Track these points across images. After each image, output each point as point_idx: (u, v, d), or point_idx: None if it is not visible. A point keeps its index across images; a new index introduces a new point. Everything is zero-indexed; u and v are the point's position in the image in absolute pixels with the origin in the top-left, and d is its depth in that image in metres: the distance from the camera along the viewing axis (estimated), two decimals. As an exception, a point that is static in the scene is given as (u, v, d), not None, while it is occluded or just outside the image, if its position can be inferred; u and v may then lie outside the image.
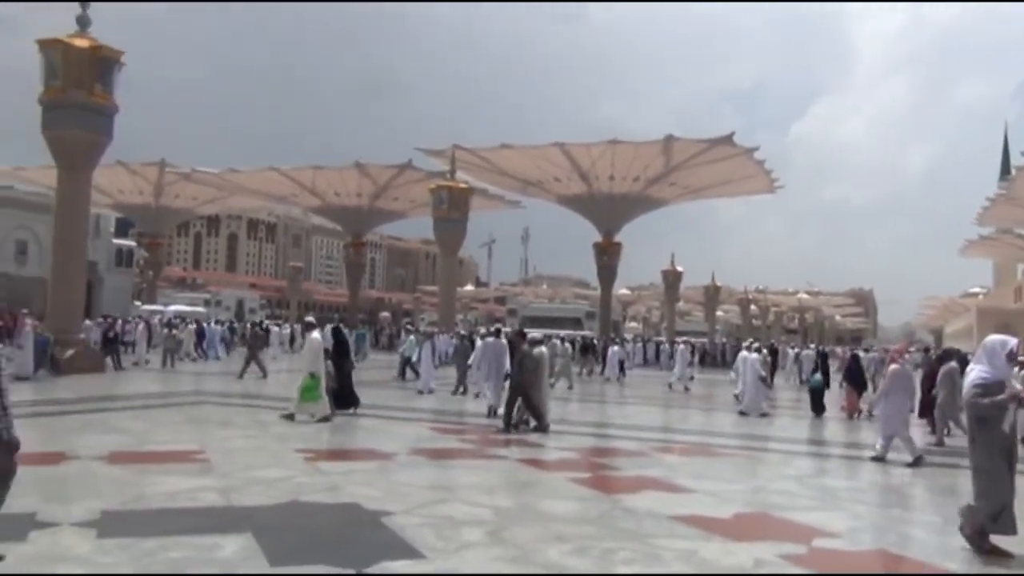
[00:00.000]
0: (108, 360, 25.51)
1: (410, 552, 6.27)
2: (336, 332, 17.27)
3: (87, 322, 29.28)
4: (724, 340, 72.60)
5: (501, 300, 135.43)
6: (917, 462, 11.99)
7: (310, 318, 17.57)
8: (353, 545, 6.64)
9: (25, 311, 24.88)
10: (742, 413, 19.63)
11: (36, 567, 5.61)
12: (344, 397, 15.91)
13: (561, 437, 14.02)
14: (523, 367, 14.60)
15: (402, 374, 26.35)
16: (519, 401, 14.51)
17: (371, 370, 30.16)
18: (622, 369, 33.30)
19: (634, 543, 6.85)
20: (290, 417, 14.32)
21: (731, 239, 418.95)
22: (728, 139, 51.04)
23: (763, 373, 20.89)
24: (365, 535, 6.92)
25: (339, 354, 16.20)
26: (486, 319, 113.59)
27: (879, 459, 12.28)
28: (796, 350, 39.90)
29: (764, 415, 19.55)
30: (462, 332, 27.48)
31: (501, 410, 15.24)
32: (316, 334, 15.23)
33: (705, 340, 66.57)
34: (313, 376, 14.47)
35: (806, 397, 21.24)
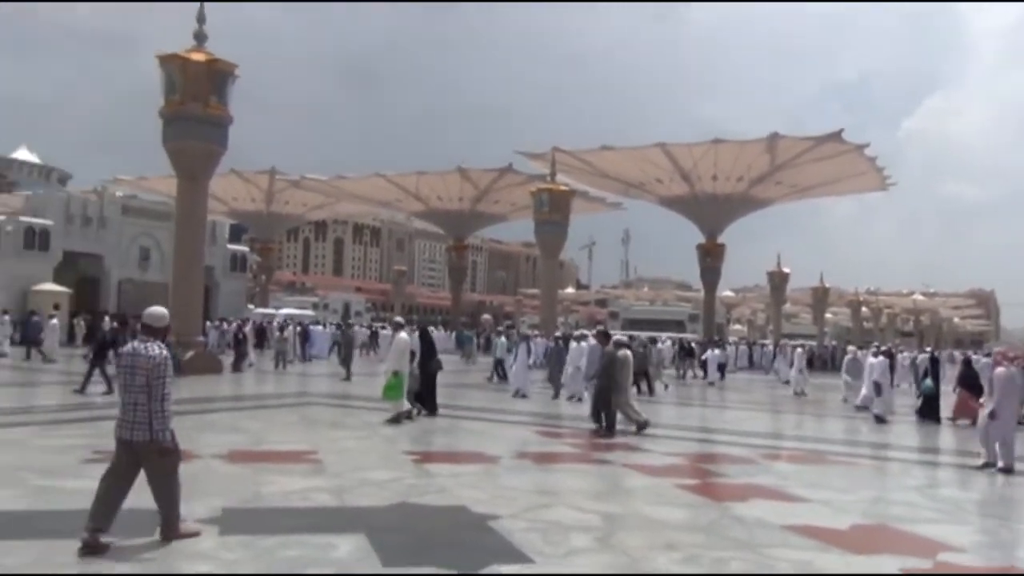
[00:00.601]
0: (251, 361, 26.60)
1: (518, 557, 6.29)
2: (423, 334, 17.46)
3: (208, 324, 30.50)
4: (834, 343, 70.15)
5: (602, 303, 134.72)
6: (1007, 470, 11.58)
7: (399, 318, 17.85)
8: (462, 548, 6.70)
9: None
10: (879, 419, 18.81)
11: (163, 562, 5.87)
12: (425, 400, 16.03)
13: (666, 442, 13.83)
14: (607, 369, 14.52)
15: (494, 376, 26.69)
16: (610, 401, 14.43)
17: (472, 372, 30.49)
18: (722, 372, 32.67)
19: (746, 553, 6.69)
20: (396, 420, 14.54)
21: (840, 239, 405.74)
22: (837, 136, 49.42)
23: (885, 378, 20.02)
24: (473, 538, 6.98)
25: (425, 356, 16.36)
26: (587, 322, 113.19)
27: (989, 465, 11.82)
28: (911, 354, 38.29)
29: (882, 421, 18.79)
30: (557, 335, 27.39)
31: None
32: (404, 334, 15.43)
33: (814, 343, 64.58)
34: (396, 375, 14.65)
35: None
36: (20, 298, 36.91)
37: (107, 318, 27.87)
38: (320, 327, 41.62)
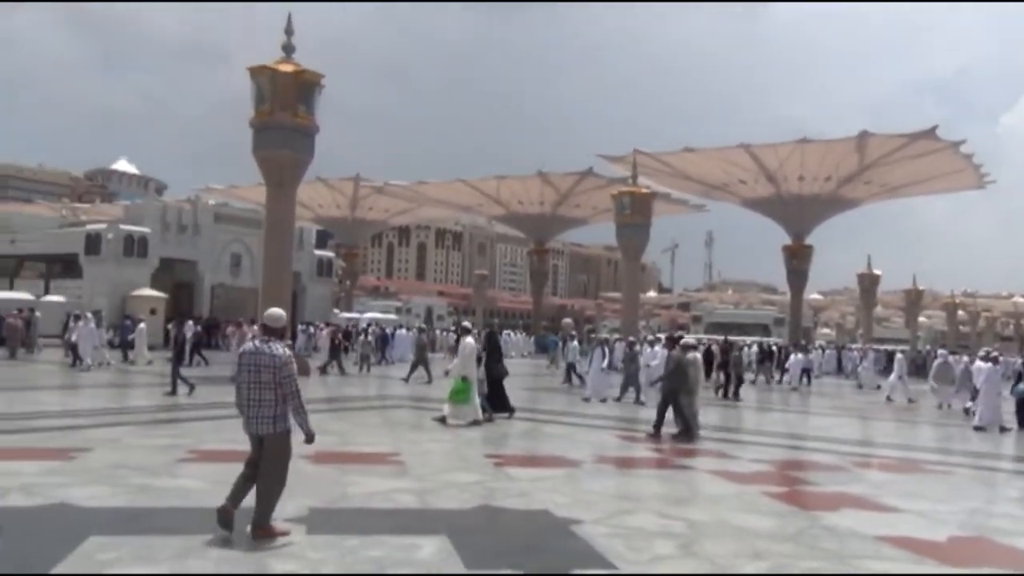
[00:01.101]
0: (334, 365, 27.04)
1: (601, 562, 6.24)
2: (489, 337, 17.48)
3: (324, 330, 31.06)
4: (928, 348, 67.64)
5: (685, 306, 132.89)
6: None
7: (466, 323, 17.93)
8: (544, 552, 6.69)
9: (240, 319, 26.86)
10: (978, 428, 18.09)
11: (252, 559, 6.03)
12: (496, 402, 16.03)
13: (752, 448, 13.56)
14: (675, 373, 14.37)
15: (568, 379, 26.64)
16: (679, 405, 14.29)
17: (556, 376, 30.44)
18: (808, 378, 31.77)
19: (837, 564, 6.50)
20: (442, 420, 14.63)
21: (934, 239, 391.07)
22: (931, 132, 47.76)
23: (995, 385, 19.16)
24: (556, 543, 6.95)
25: (492, 359, 16.39)
26: (669, 325, 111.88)
27: None
28: (1012, 359, 36.66)
29: (1005, 429, 18.01)
30: (630, 339, 27.11)
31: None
32: (470, 339, 15.53)
33: (907, 347, 62.42)
34: (464, 380, 14.68)
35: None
36: (120, 303, 38.48)
37: (190, 322, 28.83)
38: (404, 331, 42.18)
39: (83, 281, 41.02)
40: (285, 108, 25.75)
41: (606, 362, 21.76)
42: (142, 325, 28.54)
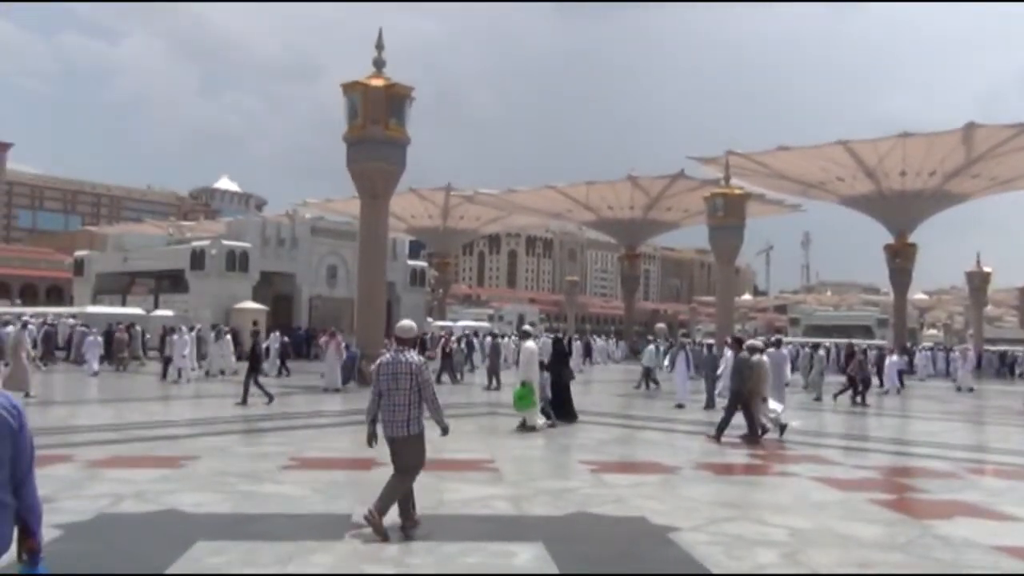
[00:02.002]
0: (445, 376, 27.33)
1: (700, 571, 6.11)
2: (556, 342, 17.35)
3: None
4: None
5: (781, 309, 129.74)
6: None
7: (527, 327, 17.86)
8: (642, 560, 6.59)
9: (332, 329, 27.40)
10: None
11: (352, 565, 6.12)
12: (560, 408, 15.90)
13: (856, 454, 13.12)
14: (740, 375, 14.14)
15: (643, 384, 26.32)
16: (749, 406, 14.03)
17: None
18: (901, 380, 30.30)
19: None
20: (529, 428, 14.59)
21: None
22: (1044, 121, 45.34)
23: None
24: (653, 551, 6.84)
25: (557, 364, 16.25)
26: (765, 329, 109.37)
27: None
28: None
29: None
30: (708, 342, 26.50)
31: (782, 421, 14.59)
32: (531, 343, 15.51)
33: (1022, 348, 59.34)
34: (524, 385, 14.59)
35: None
36: (223, 316, 39.88)
37: (275, 333, 29.62)
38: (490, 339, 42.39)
39: (189, 295, 42.71)
40: (377, 122, 26.26)
41: (690, 367, 21.18)
42: (228, 337, 29.20)
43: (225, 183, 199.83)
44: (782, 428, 14.60)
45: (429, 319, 53.85)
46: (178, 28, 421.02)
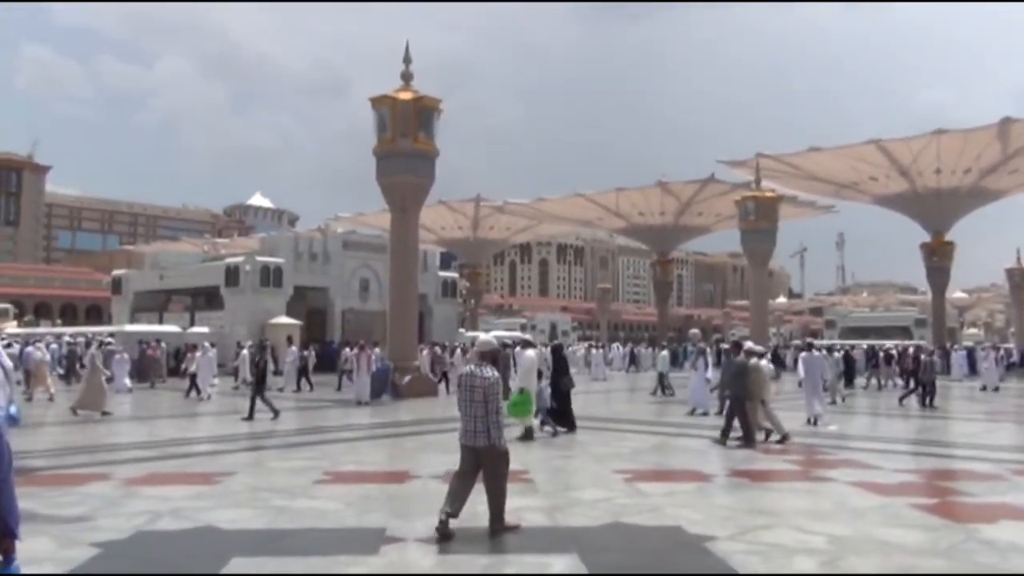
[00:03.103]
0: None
1: (738, 580, 6.02)
2: (555, 350, 17.36)
3: (424, 351, 31.50)
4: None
5: (817, 311, 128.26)
6: None
7: (528, 336, 17.94)
8: (678, 570, 6.50)
9: (362, 342, 27.40)
10: None
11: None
12: (560, 416, 15.87)
13: (894, 457, 12.88)
14: (739, 379, 14.18)
15: (659, 390, 26.12)
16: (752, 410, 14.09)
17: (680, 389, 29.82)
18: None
19: (998, 581, 6.04)
20: (526, 437, 14.57)
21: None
22: (1081, 114, 44.41)
23: None
24: (689, 560, 6.75)
25: (557, 373, 16.28)
26: (801, 332, 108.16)
27: None
28: None
29: None
30: (724, 346, 25.92)
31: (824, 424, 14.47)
32: (531, 352, 15.60)
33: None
34: (523, 392, 14.43)
35: None
36: (258, 331, 40.21)
37: (293, 348, 29.79)
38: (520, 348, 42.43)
39: (224, 312, 43.18)
40: (406, 135, 26.44)
41: (709, 372, 20.68)
42: (244, 352, 29.12)
43: (258, 199, 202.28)
44: (784, 436, 14.50)
45: (461, 330, 53.93)
46: (208, 48, 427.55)
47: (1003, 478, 11.00)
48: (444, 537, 7.07)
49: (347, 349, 27.95)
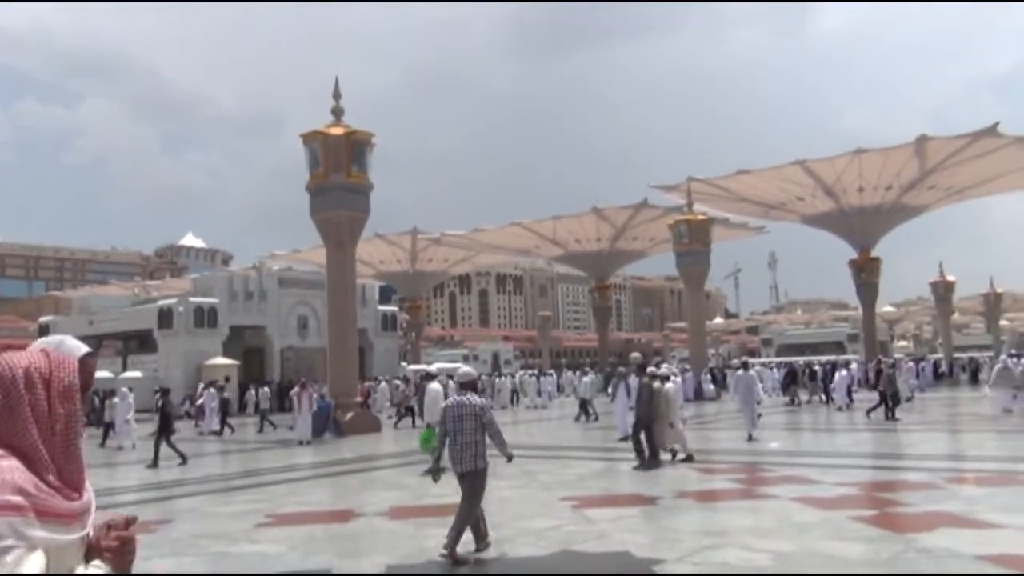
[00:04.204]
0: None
1: (687, 602, 6.03)
2: (465, 384, 17.46)
3: (383, 384, 30.90)
4: (1013, 352, 64.97)
5: (753, 330, 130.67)
6: None
7: (431, 369, 17.97)
8: (628, 595, 6.50)
9: (303, 380, 26.92)
10: None
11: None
12: None
13: (834, 471, 13.11)
14: (641, 401, 14.65)
15: (583, 415, 26.43)
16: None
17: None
18: (850, 395, 29.41)
19: (938, 588, 6.16)
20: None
21: (1010, 240, 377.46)
22: (992, 130, 46.38)
23: None
24: (639, 584, 6.76)
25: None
26: (739, 351, 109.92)
27: None
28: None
29: None
30: (650, 370, 26.00)
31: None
32: (435, 384, 15.63)
33: (990, 354, 60.12)
34: (429, 427, 14.30)
35: None
36: (195, 372, 39.38)
37: (211, 391, 28.82)
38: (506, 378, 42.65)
39: (158, 355, 42.14)
40: (339, 169, 26.28)
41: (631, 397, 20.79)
42: (206, 393, 28.27)
43: (190, 240, 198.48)
44: (688, 456, 14.86)
45: (403, 363, 53.49)
46: (136, 88, 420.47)
47: (938, 486, 11.28)
48: (456, 561, 7.50)
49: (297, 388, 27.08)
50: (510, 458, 8.15)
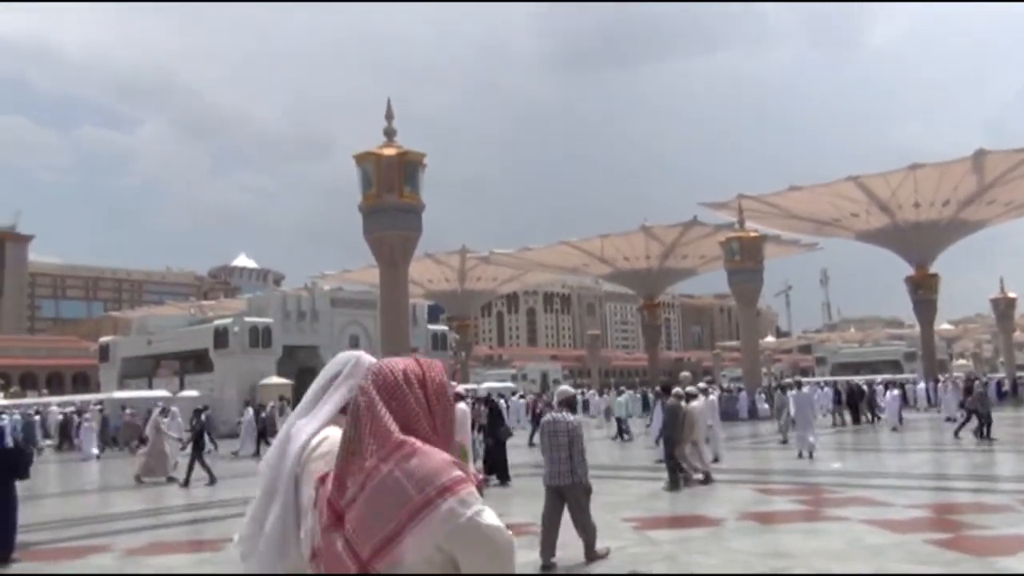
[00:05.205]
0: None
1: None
2: (487, 402, 18.09)
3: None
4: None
5: (806, 349, 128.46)
6: None
7: (459, 389, 17.96)
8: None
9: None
10: None
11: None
12: (496, 467, 16.10)
13: (903, 493, 12.77)
14: (666, 422, 14.59)
15: (619, 435, 26.20)
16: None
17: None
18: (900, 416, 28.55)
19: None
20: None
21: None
22: (1054, 143, 45.23)
23: None
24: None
25: (492, 423, 16.70)
26: (792, 370, 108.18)
27: None
28: None
29: None
30: (657, 388, 25.45)
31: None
32: (462, 405, 15.64)
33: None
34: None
35: None
36: (249, 392, 39.86)
37: (247, 408, 28.75)
38: (517, 398, 42.31)
39: (214, 374, 42.78)
40: (391, 190, 26.57)
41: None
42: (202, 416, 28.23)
43: (243, 260, 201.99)
44: (706, 477, 14.76)
45: (453, 382, 53.53)
46: (186, 111, 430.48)
47: (1015, 509, 10.91)
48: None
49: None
50: (586, 490, 8.36)
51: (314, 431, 2.28)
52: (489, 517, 1.76)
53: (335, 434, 2.17)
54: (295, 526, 2.15)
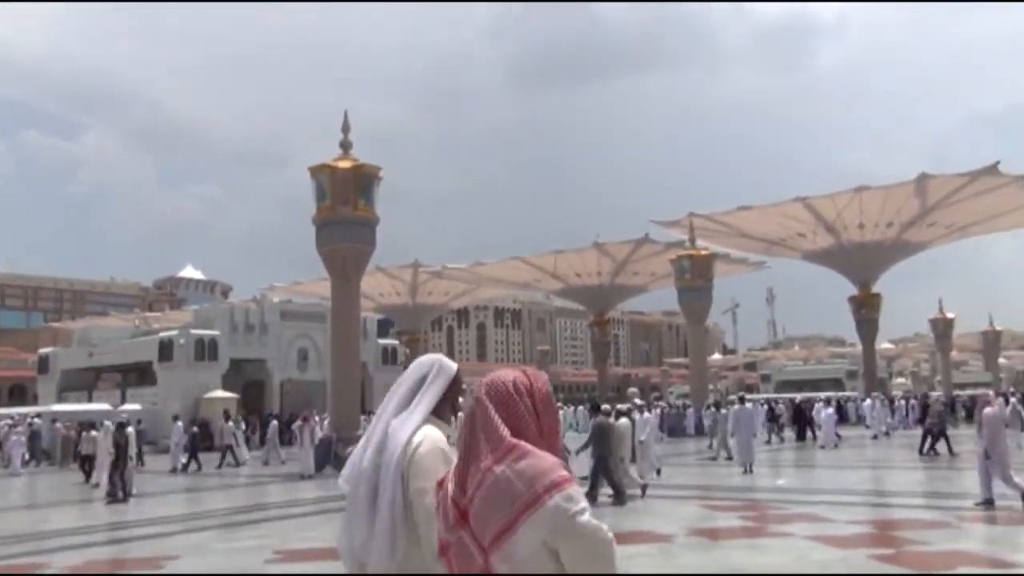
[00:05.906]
0: None
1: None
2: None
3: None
4: (1012, 390, 64.77)
5: (751, 366, 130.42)
6: None
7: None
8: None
9: (305, 414, 26.81)
10: None
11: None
12: None
13: (845, 509, 12.99)
14: (598, 439, 14.74)
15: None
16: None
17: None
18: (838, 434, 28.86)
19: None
20: None
21: (1008, 278, 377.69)
22: (992, 169, 46.74)
23: None
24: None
25: None
26: (737, 387, 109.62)
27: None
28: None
29: None
30: (605, 406, 25.68)
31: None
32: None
33: (989, 391, 59.83)
34: None
35: None
36: (194, 406, 39.10)
37: (178, 424, 27.87)
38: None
39: (157, 387, 41.90)
40: (346, 203, 26.34)
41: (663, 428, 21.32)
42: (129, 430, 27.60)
43: (190, 271, 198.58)
44: (643, 488, 15.17)
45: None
46: (136, 119, 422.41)
47: (951, 525, 11.17)
48: None
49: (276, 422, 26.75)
50: None
51: (413, 430, 2.53)
52: (590, 516, 1.96)
53: (433, 432, 2.53)
54: (404, 518, 2.41)
